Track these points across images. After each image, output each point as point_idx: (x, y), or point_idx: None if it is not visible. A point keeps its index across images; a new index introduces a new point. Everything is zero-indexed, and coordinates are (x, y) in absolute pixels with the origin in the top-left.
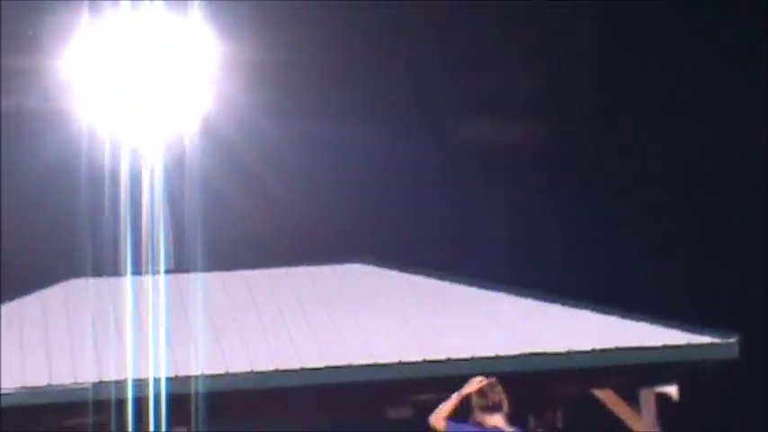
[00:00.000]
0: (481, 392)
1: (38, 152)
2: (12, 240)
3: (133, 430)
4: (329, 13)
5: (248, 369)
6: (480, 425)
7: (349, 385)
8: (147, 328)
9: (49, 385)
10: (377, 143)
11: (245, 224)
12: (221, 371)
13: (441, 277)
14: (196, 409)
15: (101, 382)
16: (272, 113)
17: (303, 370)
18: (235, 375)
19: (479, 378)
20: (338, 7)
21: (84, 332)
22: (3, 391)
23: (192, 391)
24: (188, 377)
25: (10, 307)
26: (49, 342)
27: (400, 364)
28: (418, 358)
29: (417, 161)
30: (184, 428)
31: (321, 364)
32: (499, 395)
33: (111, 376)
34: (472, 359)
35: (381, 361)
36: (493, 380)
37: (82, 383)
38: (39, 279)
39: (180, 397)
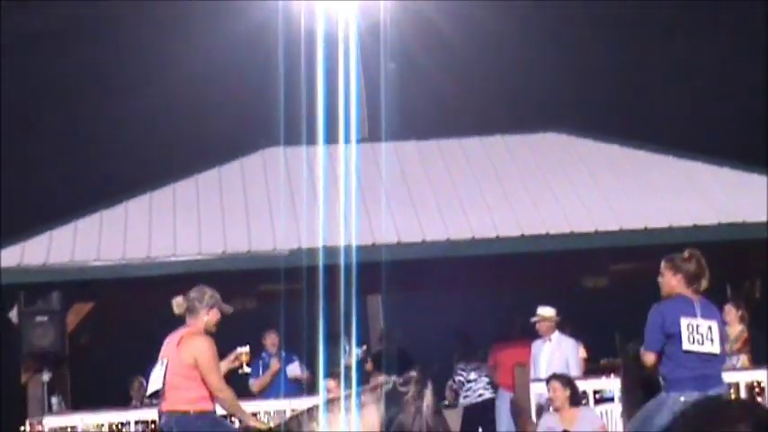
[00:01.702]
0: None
1: (236, 20)
2: (211, 109)
3: (324, 297)
4: None
5: (444, 238)
6: None
7: (545, 254)
8: (341, 196)
9: (249, 252)
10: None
11: (440, 93)
12: (418, 239)
13: (637, 146)
14: (388, 277)
15: (297, 249)
16: None
17: (499, 239)
18: (431, 244)
19: None
20: None
21: (280, 200)
22: (204, 257)
23: (385, 259)
24: (381, 245)
25: (210, 174)
26: (249, 209)
27: (597, 233)
28: (615, 228)
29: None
30: (377, 295)
31: (517, 234)
32: (699, 265)
33: (305, 243)
34: (670, 228)
35: (578, 230)
36: (693, 250)
37: (280, 250)
38: (237, 147)
39: (372, 265)
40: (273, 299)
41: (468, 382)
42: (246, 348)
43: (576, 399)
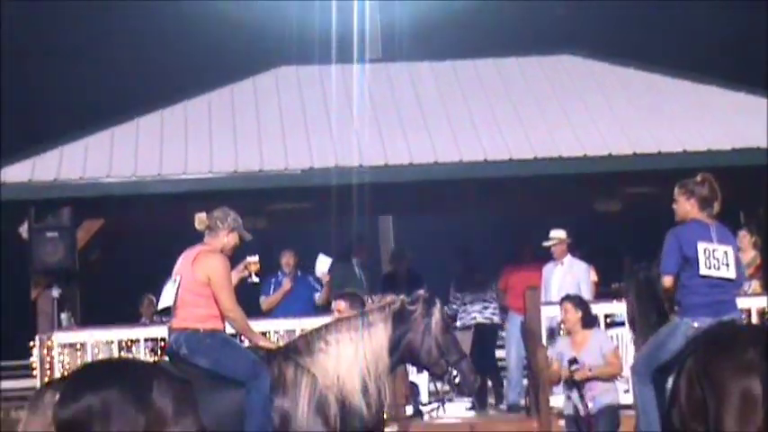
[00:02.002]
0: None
1: None
2: (225, 27)
3: (336, 217)
4: None
5: (457, 159)
6: None
7: (558, 178)
8: (354, 116)
9: (261, 171)
10: None
11: (455, 13)
12: (430, 160)
13: (652, 70)
14: (400, 198)
15: (309, 169)
16: None
17: (512, 161)
18: (443, 165)
19: None
20: None
21: (292, 119)
22: (215, 175)
23: (397, 180)
24: (393, 166)
25: (222, 92)
26: (261, 128)
27: (610, 157)
28: (628, 151)
29: None
30: (388, 217)
31: (530, 156)
32: (712, 189)
33: (317, 163)
34: (683, 153)
35: (591, 154)
36: (706, 174)
37: (292, 169)
38: (250, 65)
39: (384, 186)
40: (284, 219)
41: (464, 304)
42: (256, 258)
43: (589, 321)
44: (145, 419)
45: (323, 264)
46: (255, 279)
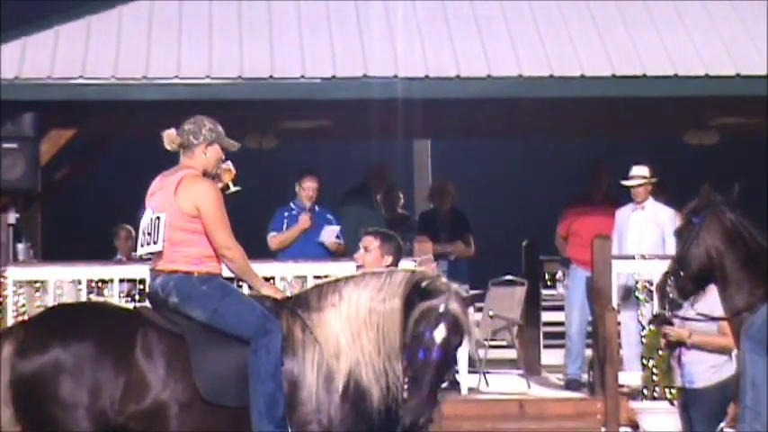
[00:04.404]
0: None
1: None
2: None
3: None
4: None
5: (516, 74)
6: None
7: (642, 101)
8: (388, 15)
9: (271, 77)
10: None
11: None
12: (482, 74)
13: None
14: (443, 118)
15: (331, 78)
16: None
17: (584, 78)
18: (498, 80)
19: None
20: None
21: (314, 15)
22: (214, 81)
23: (440, 95)
24: (436, 78)
25: None
26: (273, 24)
27: (708, 78)
28: (731, 72)
29: None
30: (426, 141)
31: (608, 73)
32: None
33: (341, 72)
34: None
35: (683, 73)
36: None
37: (309, 78)
38: None
39: (423, 103)
40: (297, 139)
41: None
42: (229, 163)
43: None
44: (125, 381)
45: (329, 234)
46: (235, 188)
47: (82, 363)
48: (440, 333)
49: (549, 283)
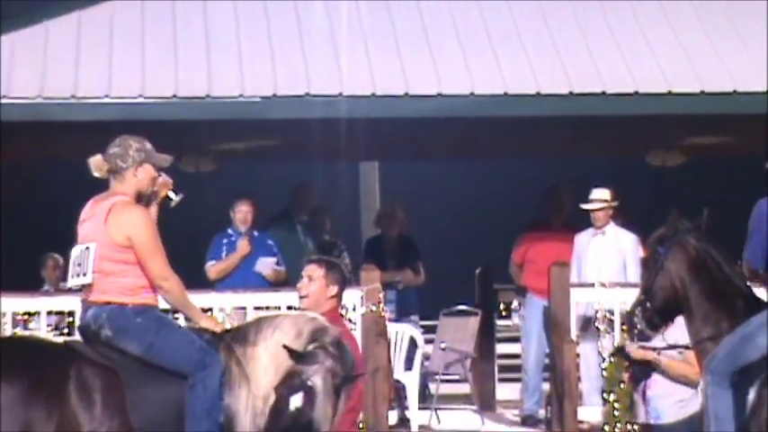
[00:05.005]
0: None
1: None
2: None
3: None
4: None
5: (468, 92)
6: None
7: (601, 120)
8: (334, 29)
9: (208, 96)
10: None
11: None
12: (432, 92)
13: None
14: (391, 139)
15: (272, 97)
16: None
17: (540, 96)
18: (449, 99)
19: None
20: None
21: (254, 30)
22: (147, 100)
23: (388, 114)
24: (383, 97)
25: None
26: (210, 40)
27: (671, 95)
28: (695, 89)
29: None
30: (374, 163)
31: (564, 91)
32: None
33: (282, 90)
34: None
35: (645, 90)
36: None
37: (249, 96)
38: None
39: (370, 122)
40: (236, 160)
41: None
42: (164, 176)
43: None
44: (58, 418)
45: (265, 266)
46: (177, 197)
47: (12, 401)
48: (295, 402)
49: (504, 313)
